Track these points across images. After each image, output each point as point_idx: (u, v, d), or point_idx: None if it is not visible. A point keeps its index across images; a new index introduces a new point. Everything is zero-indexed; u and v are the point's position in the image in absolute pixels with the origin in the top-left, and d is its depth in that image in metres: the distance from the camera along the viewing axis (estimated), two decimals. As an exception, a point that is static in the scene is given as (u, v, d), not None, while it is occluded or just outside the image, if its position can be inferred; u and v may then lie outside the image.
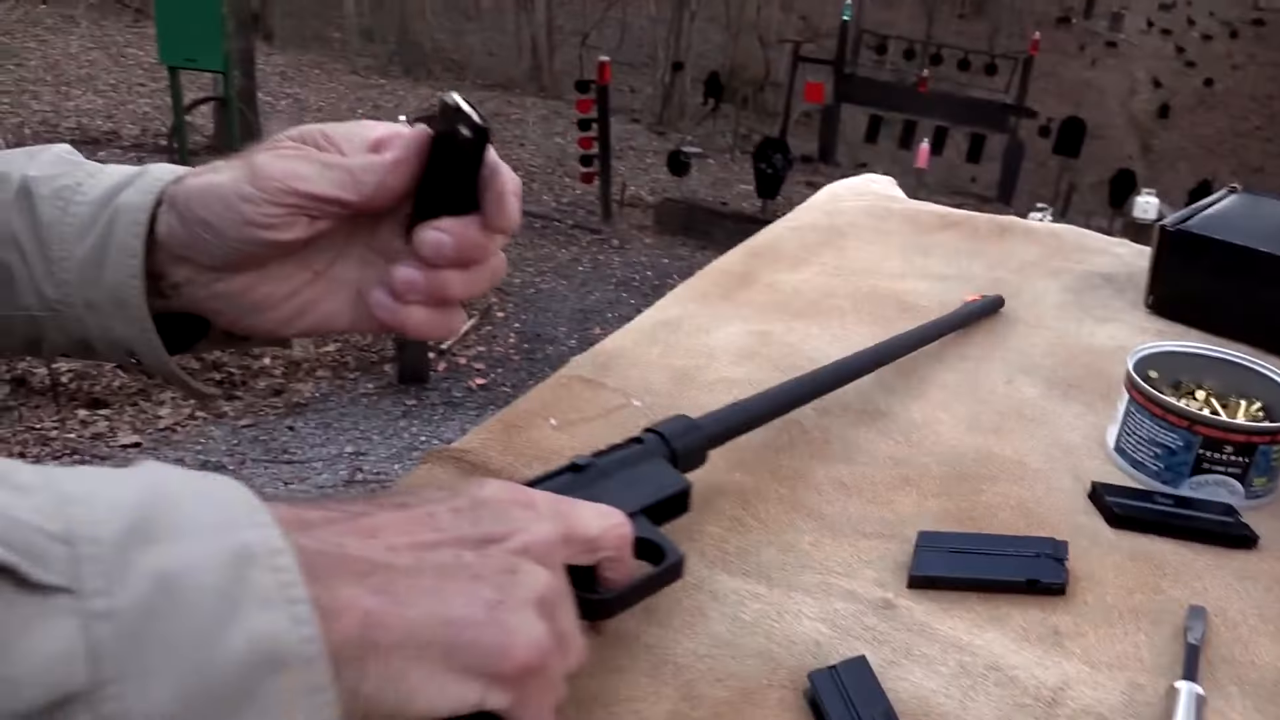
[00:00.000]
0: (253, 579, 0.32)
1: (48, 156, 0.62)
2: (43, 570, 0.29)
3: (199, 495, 0.34)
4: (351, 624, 0.35)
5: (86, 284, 0.57)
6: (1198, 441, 0.70)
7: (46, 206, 0.59)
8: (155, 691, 0.30)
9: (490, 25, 17.67)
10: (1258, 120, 19.32)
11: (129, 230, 0.55)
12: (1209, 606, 0.62)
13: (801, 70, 12.90)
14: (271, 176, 0.51)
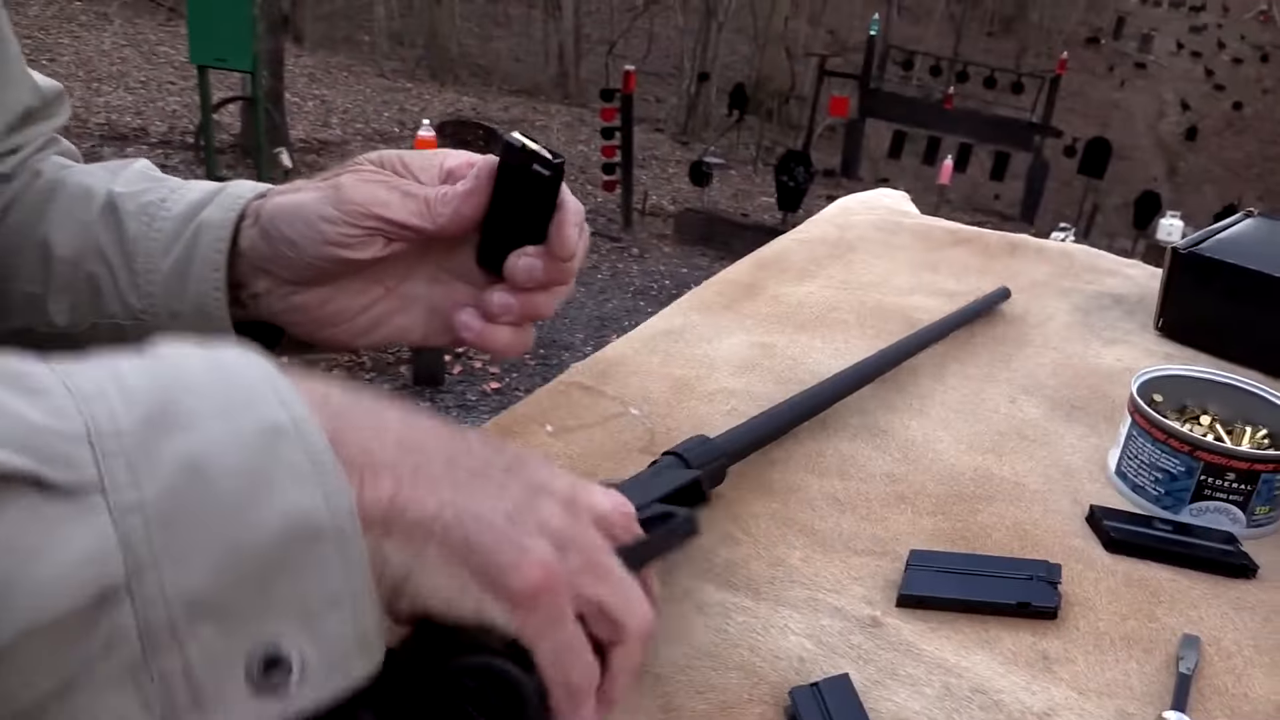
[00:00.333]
0: (283, 455, 0.32)
1: (130, 173, 0.66)
2: (65, 472, 0.30)
3: (218, 375, 0.34)
4: (385, 489, 0.35)
5: (171, 295, 0.60)
6: (1199, 468, 0.69)
7: (132, 221, 0.62)
8: (191, 574, 0.30)
9: (518, 32, 17.77)
10: (1287, 145, 19.16)
11: (213, 245, 0.58)
12: (1203, 636, 0.61)
13: (827, 84, 12.91)
14: (353, 200, 0.54)
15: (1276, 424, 0.76)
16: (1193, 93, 21.12)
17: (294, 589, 0.31)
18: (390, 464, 0.36)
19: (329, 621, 0.32)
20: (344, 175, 0.55)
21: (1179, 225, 10.03)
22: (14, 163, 0.71)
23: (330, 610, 0.32)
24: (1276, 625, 0.62)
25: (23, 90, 0.70)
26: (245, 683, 0.31)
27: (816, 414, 0.76)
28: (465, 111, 11.28)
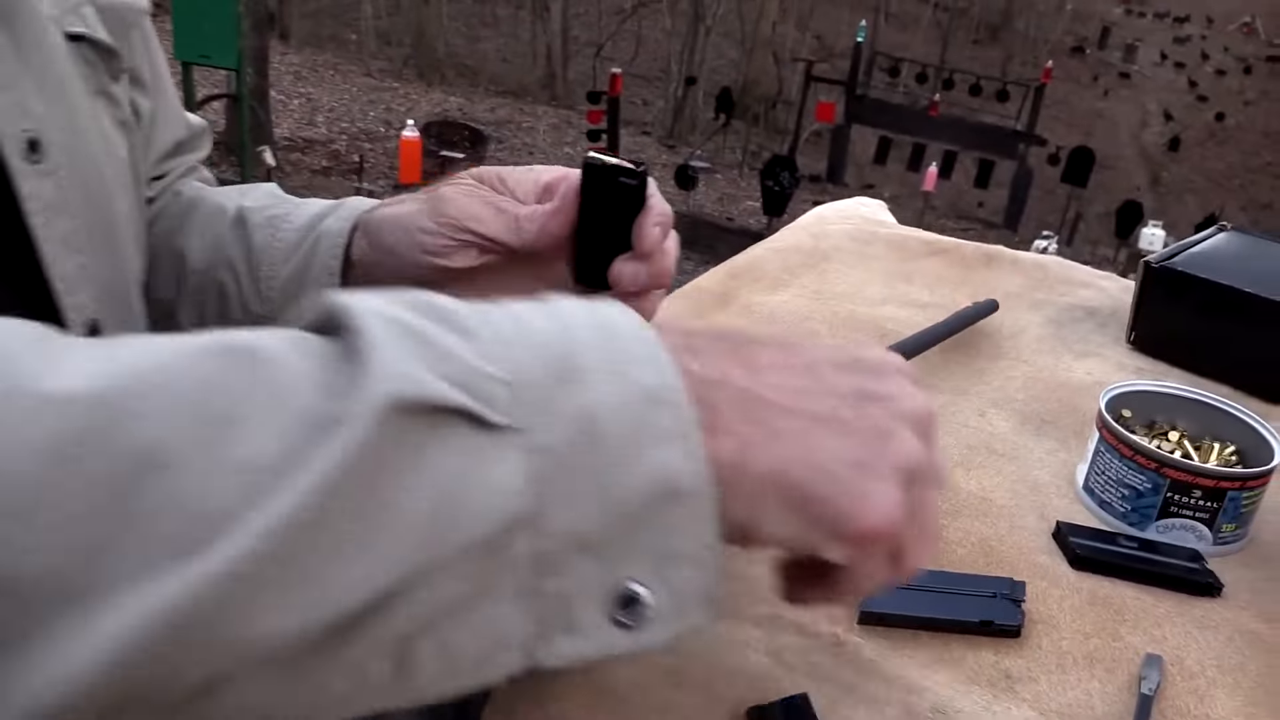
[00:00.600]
0: (654, 419, 0.35)
1: (258, 192, 0.73)
2: (492, 411, 0.34)
3: (605, 335, 0.38)
4: (729, 450, 0.37)
5: (289, 298, 0.66)
6: (1166, 485, 0.69)
7: (259, 233, 0.69)
8: (583, 516, 0.34)
9: (505, 33, 17.75)
10: (1269, 156, 19.32)
11: (329, 252, 0.64)
12: (1166, 655, 0.60)
13: (813, 89, 12.94)
14: (449, 214, 0.59)
15: (1244, 440, 0.76)
16: (1176, 103, 21.26)
17: (654, 540, 0.35)
18: (736, 422, 0.38)
19: (680, 572, 0.36)
20: (443, 188, 0.60)
21: (1160, 235, 10.10)
22: (159, 187, 0.78)
23: (682, 563, 0.35)
24: (1239, 645, 0.62)
25: (176, 126, 0.78)
26: (605, 615, 0.35)
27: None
28: (452, 112, 11.25)
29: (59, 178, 0.57)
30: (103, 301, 0.60)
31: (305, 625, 0.31)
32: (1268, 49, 24.46)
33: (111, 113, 0.64)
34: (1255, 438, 0.74)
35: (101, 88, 0.63)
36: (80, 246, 0.58)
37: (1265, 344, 0.91)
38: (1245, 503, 0.69)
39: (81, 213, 0.59)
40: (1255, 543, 0.72)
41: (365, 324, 0.34)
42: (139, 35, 0.70)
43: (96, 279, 0.60)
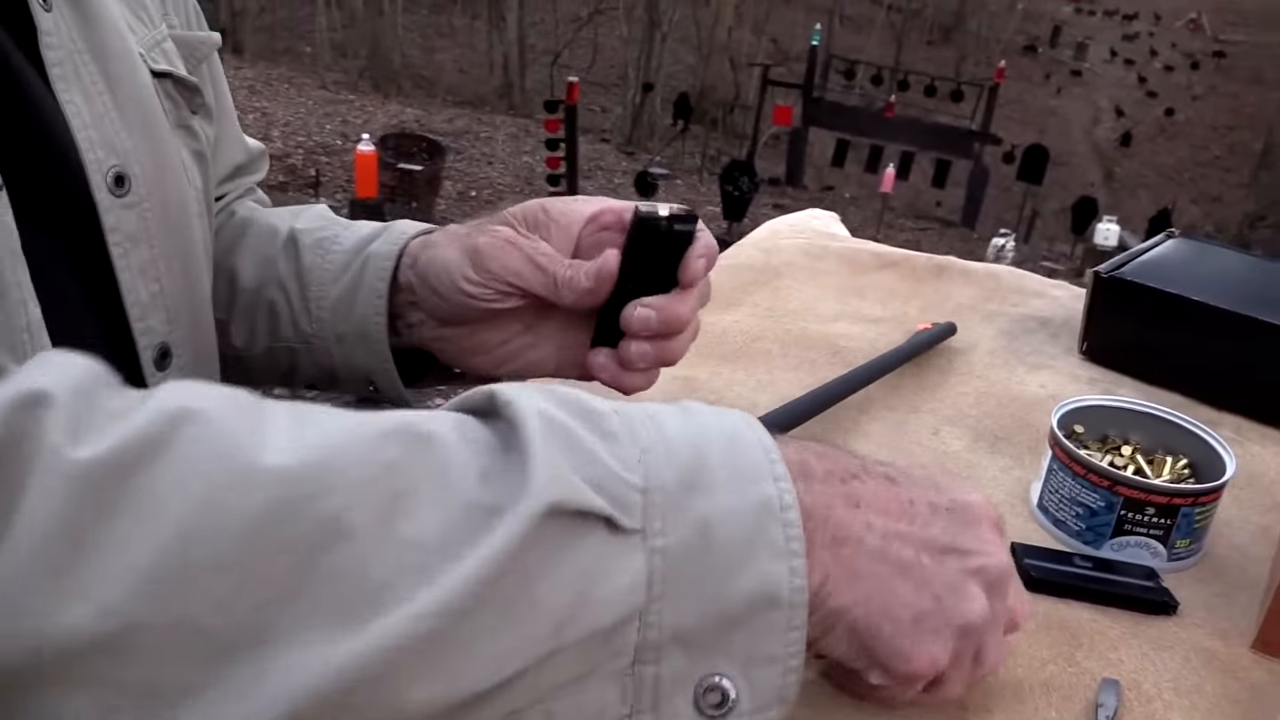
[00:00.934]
0: (768, 531, 0.39)
1: (310, 214, 0.75)
2: (626, 517, 0.37)
3: (731, 444, 0.41)
4: (815, 579, 0.41)
5: (338, 319, 0.68)
6: (1119, 502, 0.69)
7: (309, 254, 0.71)
8: (684, 613, 0.38)
9: (462, 43, 17.69)
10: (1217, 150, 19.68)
11: (377, 275, 0.66)
12: (1123, 679, 0.60)
13: (770, 93, 13.00)
14: (489, 269, 0.61)
15: (1196, 453, 0.75)
16: (1126, 99, 21.59)
17: (747, 641, 0.39)
18: (827, 555, 0.42)
19: (764, 674, 0.39)
20: (483, 238, 0.61)
21: (1115, 230, 10.23)
22: (218, 208, 0.79)
23: (768, 665, 0.39)
24: (1195, 665, 0.62)
25: (236, 149, 0.81)
26: (691, 703, 0.39)
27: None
28: (409, 123, 11.18)
29: (142, 209, 0.60)
30: (174, 325, 0.63)
31: (445, 698, 0.34)
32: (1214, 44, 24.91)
33: (190, 145, 0.68)
34: (1207, 450, 0.74)
35: (182, 121, 0.67)
36: (157, 275, 0.61)
37: (1214, 351, 0.91)
38: (1198, 518, 0.69)
39: (160, 242, 0.61)
40: (1209, 556, 0.72)
41: (523, 418, 0.38)
42: (209, 66, 0.74)
43: (170, 304, 0.63)
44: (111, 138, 0.58)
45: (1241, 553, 0.73)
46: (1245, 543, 0.74)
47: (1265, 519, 0.77)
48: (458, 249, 0.62)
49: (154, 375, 0.62)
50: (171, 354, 0.63)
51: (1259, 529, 0.76)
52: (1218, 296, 0.92)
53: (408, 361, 0.69)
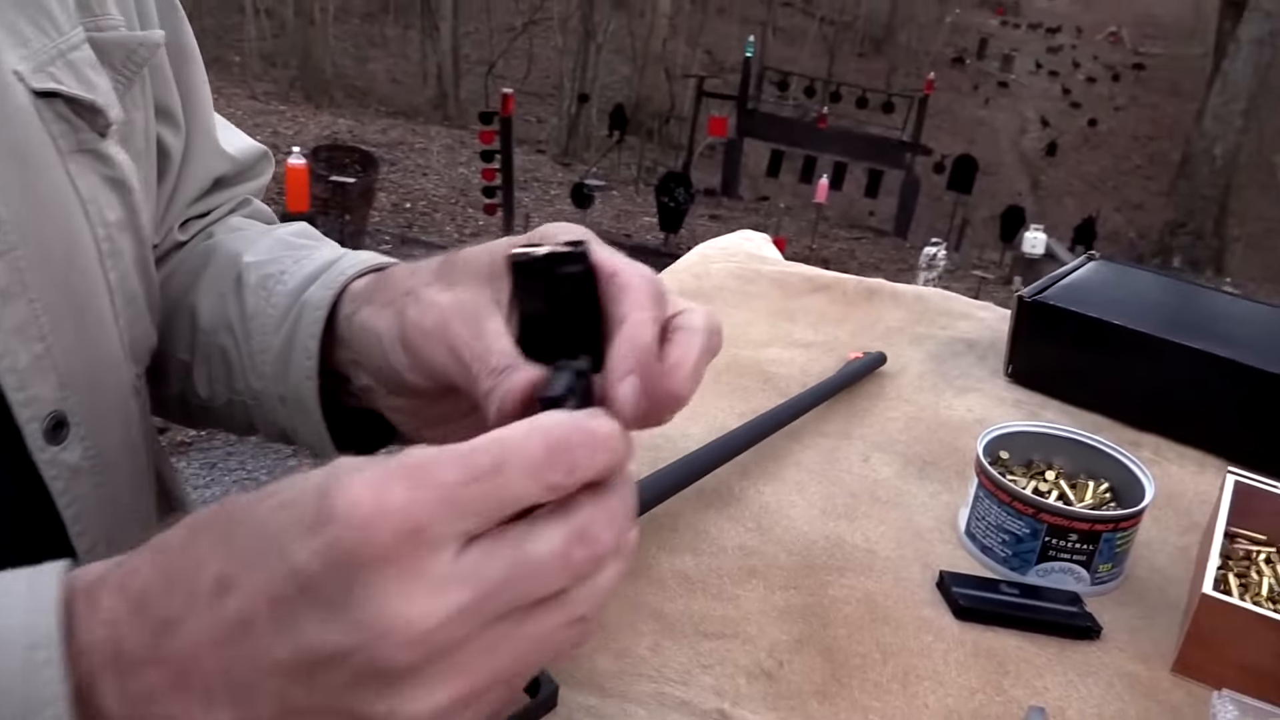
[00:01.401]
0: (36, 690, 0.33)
1: (268, 241, 0.66)
2: None
3: None
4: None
5: (279, 377, 0.59)
6: (1044, 529, 0.70)
7: (253, 296, 0.62)
8: None
9: (395, 53, 17.52)
10: (1138, 159, 20.25)
11: (308, 330, 0.57)
12: (1049, 706, 0.61)
13: (705, 105, 13.08)
14: (416, 354, 0.49)
15: (1117, 477, 0.77)
16: (1051, 110, 22.13)
17: None
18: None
19: None
20: (413, 310, 0.49)
21: (1042, 238, 10.46)
22: (198, 227, 0.72)
23: None
24: (1119, 690, 0.63)
25: (214, 160, 0.72)
26: None
27: (687, 486, 0.74)
28: (341, 134, 11.04)
29: (12, 259, 0.51)
30: (70, 390, 0.55)
31: None
32: (1133, 57, 25.65)
33: (100, 172, 0.58)
34: (1127, 474, 0.76)
35: (82, 146, 0.57)
36: (40, 333, 0.53)
37: (1134, 374, 0.94)
38: (1119, 543, 0.71)
39: (42, 295, 0.53)
40: (1130, 579, 0.74)
41: None
42: (157, 69, 0.65)
43: (61, 367, 0.55)
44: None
45: (1161, 574, 0.75)
46: (1165, 564, 0.76)
47: (1183, 540, 0.79)
48: (388, 318, 0.51)
49: (46, 450, 0.55)
50: (68, 424, 0.56)
51: (1177, 550, 0.78)
52: (1137, 320, 0.94)
53: (369, 429, 0.60)
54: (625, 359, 0.41)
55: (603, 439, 0.35)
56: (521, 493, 0.34)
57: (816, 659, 0.62)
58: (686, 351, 0.44)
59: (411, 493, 0.32)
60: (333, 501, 0.32)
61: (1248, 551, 0.74)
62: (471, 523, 0.33)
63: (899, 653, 0.63)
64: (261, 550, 0.33)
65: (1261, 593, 0.70)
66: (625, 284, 0.44)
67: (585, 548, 0.35)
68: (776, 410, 0.83)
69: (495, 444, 0.34)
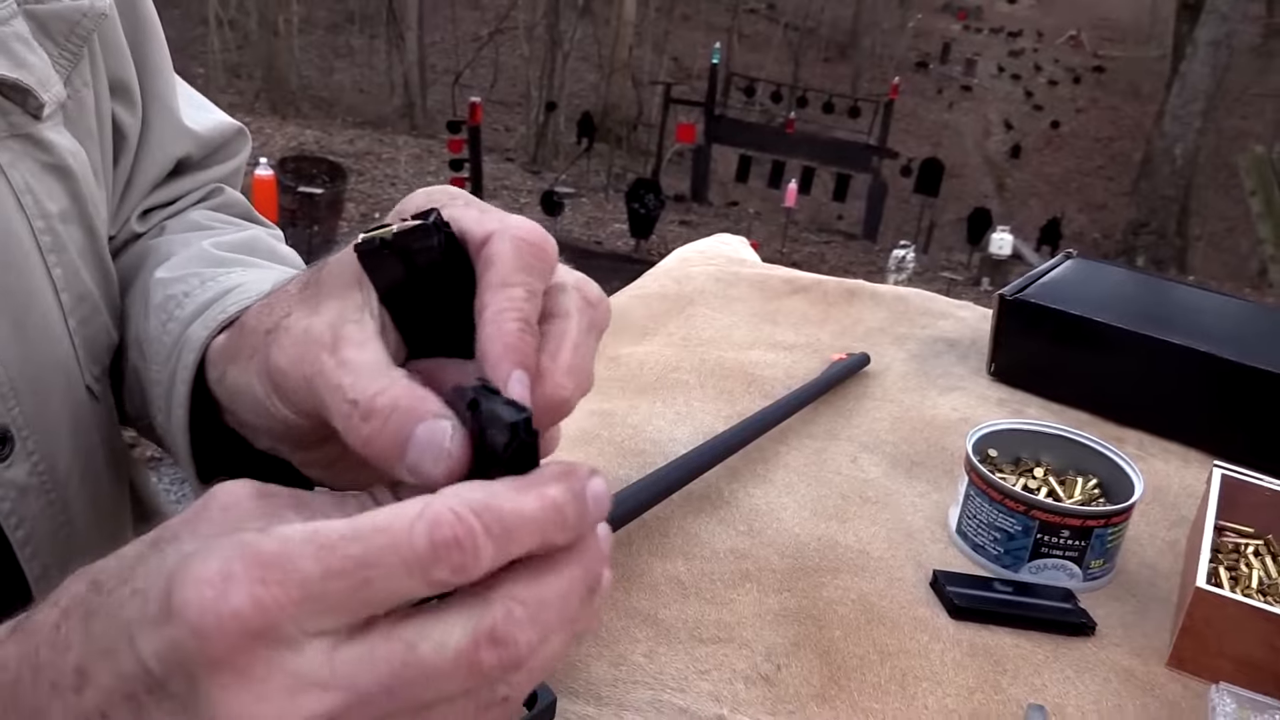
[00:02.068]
0: None
1: (191, 253, 0.58)
2: None
3: None
4: None
5: (166, 415, 0.52)
6: (1035, 526, 0.70)
7: (154, 319, 0.55)
8: None
9: (361, 63, 17.43)
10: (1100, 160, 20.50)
11: (182, 374, 0.49)
12: (1048, 704, 0.60)
13: (673, 111, 13.12)
14: (291, 401, 0.40)
15: (1105, 472, 0.77)
16: (1015, 113, 22.36)
17: None
18: None
19: None
20: (275, 351, 0.40)
21: (1009, 239, 10.59)
22: (159, 218, 0.65)
23: None
24: (1115, 686, 0.63)
25: (176, 139, 0.65)
26: None
27: (676, 491, 0.73)
28: (309, 145, 10.96)
29: None
30: (12, 401, 0.51)
31: None
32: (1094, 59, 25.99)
33: (36, 158, 0.53)
34: (1115, 470, 0.76)
35: (14, 131, 0.52)
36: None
37: (1116, 369, 0.94)
38: (1110, 538, 0.71)
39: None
40: (1121, 574, 0.74)
41: None
42: (109, 40, 0.59)
43: (1, 375, 0.50)
44: None
45: (1151, 569, 0.75)
46: (1154, 559, 0.76)
47: (1171, 534, 0.79)
48: (255, 369, 0.43)
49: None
50: (13, 439, 0.51)
51: (1166, 544, 0.78)
52: (1117, 316, 0.94)
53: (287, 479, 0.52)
54: (499, 360, 0.34)
55: (518, 517, 0.29)
56: (398, 589, 0.29)
57: (814, 662, 0.62)
58: (557, 347, 0.36)
59: (260, 590, 0.27)
60: (174, 598, 0.28)
61: (1236, 544, 0.74)
62: (334, 621, 0.28)
63: (896, 653, 0.63)
64: (114, 641, 0.30)
65: (1252, 585, 0.70)
66: (489, 254, 0.36)
67: (497, 650, 0.29)
68: (763, 413, 0.83)
69: (374, 532, 0.28)
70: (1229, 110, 16.29)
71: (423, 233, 0.36)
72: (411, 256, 0.37)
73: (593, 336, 0.38)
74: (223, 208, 0.70)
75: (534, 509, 0.30)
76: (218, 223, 0.68)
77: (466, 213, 0.38)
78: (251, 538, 0.29)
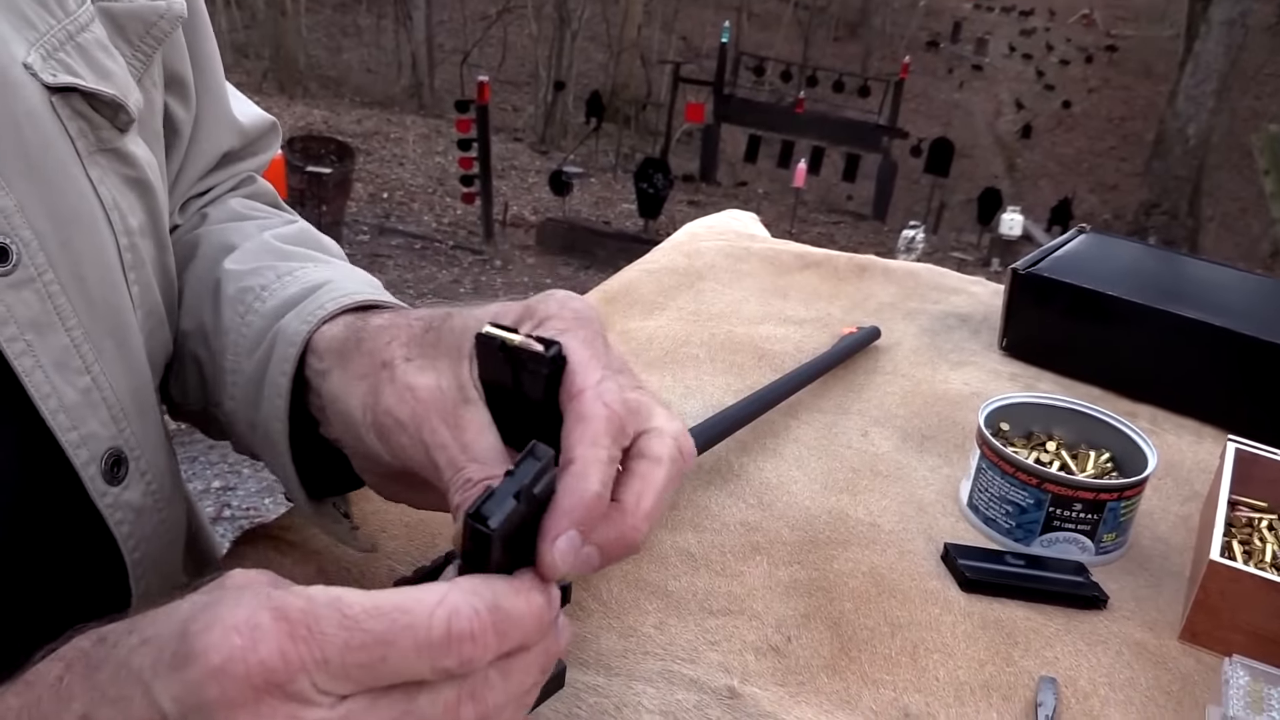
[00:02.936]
0: None
1: (252, 246, 0.59)
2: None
3: None
4: None
5: (250, 404, 0.53)
6: (1048, 499, 0.69)
7: (228, 309, 0.55)
8: None
9: (368, 42, 17.38)
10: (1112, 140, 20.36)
11: (279, 367, 0.50)
12: (1060, 676, 0.60)
13: (682, 90, 13.05)
14: (390, 445, 0.44)
15: (1117, 446, 0.77)
16: (1026, 93, 22.21)
17: None
18: None
19: None
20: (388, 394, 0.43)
21: (1019, 220, 10.52)
22: (196, 207, 0.65)
23: None
24: (1128, 658, 0.62)
25: (225, 134, 0.65)
26: None
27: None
28: (317, 125, 10.94)
29: (42, 284, 0.46)
30: (124, 422, 0.51)
31: None
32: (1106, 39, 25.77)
33: (121, 172, 0.52)
34: (1128, 443, 0.75)
35: (103, 144, 0.51)
36: (83, 364, 0.48)
37: (1129, 344, 0.93)
38: (1123, 511, 0.70)
39: (82, 319, 0.48)
40: (1134, 548, 0.73)
41: None
42: (176, 39, 0.58)
43: (110, 398, 0.50)
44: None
45: (1164, 543, 0.74)
46: (1167, 533, 0.76)
47: (1184, 509, 0.79)
48: (362, 395, 0.45)
49: (107, 493, 0.50)
50: (126, 460, 0.51)
51: (1179, 519, 0.78)
52: (1130, 290, 0.94)
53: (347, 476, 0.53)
54: (562, 515, 0.36)
55: (518, 620, 0.33)
56: (407, 670, 0.31)
57: (824, 633, 0.61)
58: (644, 489, 0.40)
59: (288, 645, 0.29)
60: (197, 642, 0.30)
61: (1250, 519, 0.74)
62: (344, 687, 0.31)
63: (907, 625, 0.63)
64: (124, 689, 0.31)
65: (1266, 559, 0.70)
66: (583, 413, 0.39)
67: (474, 706, 0.33)
68: (773, 386, 0.83)
69: (397, 612, 0.31)
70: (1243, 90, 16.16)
71: (538, 361, 0.41)
72: (520, 373, 0.41)
73: (673, 486, 0.42)
74: (255, 196, 0.70)
75: (523, 611, 0.33)
76: (257, 212, 0.68)
77: (580, 350, 0.41)
78: (278, 594, 0.31)
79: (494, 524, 0.34)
